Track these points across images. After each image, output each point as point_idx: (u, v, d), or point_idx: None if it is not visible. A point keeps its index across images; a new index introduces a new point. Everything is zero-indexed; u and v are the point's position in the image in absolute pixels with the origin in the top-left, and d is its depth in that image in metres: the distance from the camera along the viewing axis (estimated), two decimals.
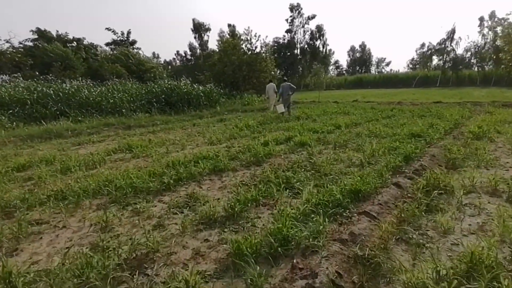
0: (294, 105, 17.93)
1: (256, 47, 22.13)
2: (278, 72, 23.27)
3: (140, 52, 38.00)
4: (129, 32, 40.78)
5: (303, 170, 4.89)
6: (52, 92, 12.21)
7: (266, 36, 24.01)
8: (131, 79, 22.23)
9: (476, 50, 42.10)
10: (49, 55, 28.15)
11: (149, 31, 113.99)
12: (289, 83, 12.82)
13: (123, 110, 12.31)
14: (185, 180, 4.56)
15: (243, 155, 6.02)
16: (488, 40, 43.18)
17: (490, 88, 31.62)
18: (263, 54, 22.36)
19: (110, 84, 16.15)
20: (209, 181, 4.67)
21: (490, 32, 44.14)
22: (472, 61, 48.58)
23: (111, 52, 36.25)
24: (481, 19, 43.96)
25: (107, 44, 39.25)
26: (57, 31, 41.58)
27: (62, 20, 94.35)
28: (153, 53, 79.69)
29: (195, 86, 15.82)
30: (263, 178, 4.48)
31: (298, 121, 11.04)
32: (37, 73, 24.38)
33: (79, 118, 11.12)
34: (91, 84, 16.51)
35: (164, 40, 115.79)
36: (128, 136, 9.24)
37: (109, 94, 13.42)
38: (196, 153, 6.24)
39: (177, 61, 77.74)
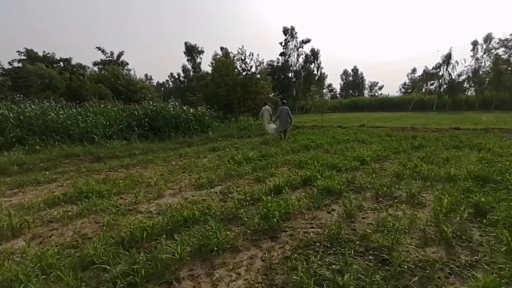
0: (295, 129, 16.18)
1: (251, 67, 20.64)
2: (272, 95, 21.56)
3: (131, 72, 36.51)
4: (121, 53, 39.54)
5: (349, 251, 2.88)
6: (11, 115, 10.13)
7: (258, 56, 22.24)
8: (115, 100, 20.32)
9: (473, 74, 41.74)
10: (31, 76, 26.26)
11: (143, 53, 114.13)
12: (287, 108, 12.36)
13: (95, 137, 10.20)
14: (143, 283, 2.49)
15: (247, 212, 4.02)
16: (483, 64, 43.20)
17: (493, 113, 30.69)
18: (259, 74, 20.82)
19: (87, 106, 14.15)
20: (190, 281, 2.60)
21: (485, 56, 44.28)
22: (465, 85, 48.52)
23: (97, 72, 34.65)
24: (475, 43, 44.10)
25: (95, 64, 37.71)
26: (44, 52, 40.16)
27: (59, 42, 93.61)
28: (146, 75, 78.97)
29: (185, 109, 13.89)
30: (287, 280, 2.46)
31: (307, 151, 9.14)
32: (19, 94, 22.45)
33: (38, 147, 8.98)
34: (65, 106, 14.52)
35: (157, 63, 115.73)
36: (92, 172, 7.14)
37: (81, 117, 11.36)
38: (176, 206, 4.21)
39: (170, 83, 76.94)
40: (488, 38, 43.00)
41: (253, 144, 11.07)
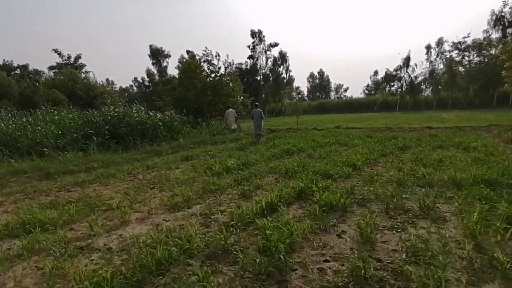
0: (271, 133, 15.51)
1: (219, 68, 19.71)
2: (242, 98, 20.84)
3: (90, 76, 33.79)
4: (78, 56, 36.62)
5: None
6: None
7: (228, 56, 21.05)
8: (71, 106, 18.38)
9: (430, 75, 44.17)
10: None
11: (105, 58, 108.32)
12: (260, 110, 12.69)
13: (45, 150, 8.71)
14: None
15: (239, 242, 3.18)
16: (436, 66, 46.00)
17: (451, 111, 32.45)
18: (228, 77, 19.96)
19: (38, 114, 12.41)
20: None
21: (437, 59, 47.19)
22: (423, 86, 51.40)
23: (53, 77, 31.72)
24: (428, 47, 46.87)
25: (50, 68, 34.52)
26: (4, 60, 36.48)
27: (18, 47, 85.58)
28: (107, 80, 74.77)
29: (151, 114, 12.59)
30: None
31: (290, 156, 8.44)
32: None
33: None
34: (16, 114, 12.67)
35: (121, 67, 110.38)
36: (39, 193, 5.85)
37: (30, 127, 9.77)
38: (146, 239, 3.25)
39: (135, 88, 73.39)
40: (440, 42, 45.93)
41: (229, 150, 10.17)
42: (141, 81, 69.13)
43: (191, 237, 3.26)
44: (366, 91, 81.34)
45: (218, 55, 20.05)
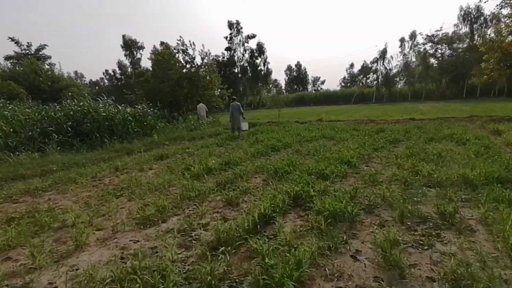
0: (252, 127, 14.77)
1: (194, 58, 18.57)
2: (219, 91, 19.91)
3: (55, 68, 31.09)
4: (42, 47, 33.50)
5: None
6: None
7: (204, 46, 19.73)
8: (30, 100, 16.62)
9: (404, 68, 45.05)
10: None
11: (74, 49, 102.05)
12: (238, 103, 12.37)
13: None
14: None
15: (230, 271, 2.45)
16: (409, 59, 47.07)
17: (425, 103, 33.23)
18: (205, 68, 18.87)
19: None
20: None
21: (411, 52, 48.32)
22: (397, 79, 52.60)
23: (10, 68, 28.90)
24: (402, 40, 47.77)
25: (6, 58, 31.39)
26: None
27: None
28: (76, 72, 70.47)
29: (120, 108, 11.37)
30: None
31: (276, 153, 7.77)
32: None
33: None
34: None
35: (90, 59, 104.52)
36: None
37: None
38: (106, 274, 2.46)
39: (106, 81, 69.74)
40: (413, 35, 46.93)
41: (209, 147, 9.33)
42: (112, 73, 65.85)
43: (166, 268, 2.49)
44: (343, 84, 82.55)
45: (193, 44, 18.90)
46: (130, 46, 59.15)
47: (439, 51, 41.72)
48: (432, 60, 42.11)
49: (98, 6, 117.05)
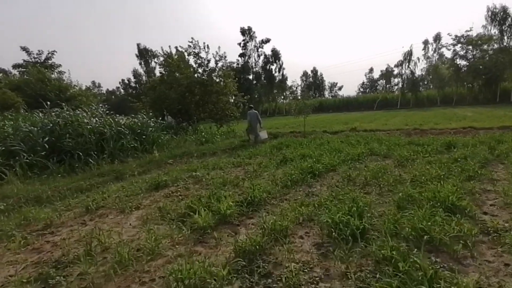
0: (273, 139, 12.46)
1: (208, 61, 16.46)
2: (233, 98, 17.71)
3: (65, 76, 29.99)
4: (51, 54, 32.58)
5: None
6: None
7: (219, 49, 17.64)
8: (26, 111, 14.99)
9: (433, 70, 41.78)
10: None
11: (93, 59, 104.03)
12: (256, 111, 12.04)
13: None
14: None
15: None
16: (435, 62, 43.76)
17: (461, 107, 29.99)
18: (220, 71, 16.72)
19: None
20: None
21: (435, 54, 45.04)
22: (424, 82, 49.30)
23: (18, 76, 28.00)
24: (425, 42, 44.65)
25: (15, 67, 30.55)
26: None
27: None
28: (93, 82, 70.91)
29: (112, 119, 9.21)
30: None
31: (317, 180, 5.40)
32: None
33: None
34: None
35: (108, 69, 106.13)
36: None
37: None
38: None
39: (122, 90, 69.54)
40: (437, 37, 43.76)
41: (223, 169, 7.05)
42: (127, 82, 65.61)
43: None
44: (361, 89, 79.25)
45: (208, 47, 16.81)
46: (144, 54, 58.61)
47: (470, 52, 38.39)
48: (463, 62, 38.77)
49: (113, 16, 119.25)
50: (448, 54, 40.69)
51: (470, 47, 37.39)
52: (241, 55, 50.97)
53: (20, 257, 3.29)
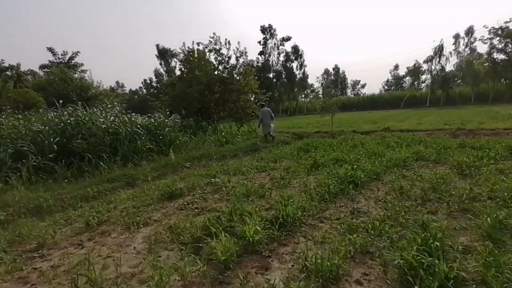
0: (297, 139, 11.51)
1: (229, 58, 15.67)
2: (253, 96, 16.82)
3: (87, 76, 30.40)
4: (75, 54, 33.15)
5: None
6: None
7: (239, 44, 16.75)
8: (46, 109, 14.83)
9: (466, 66, 38.96)
10: None
11: (118, 60, 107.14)
12: (269, 108, 12.18)
13: None
14: None
15: None
16: (468, 57, 40.84)
17: (500, 105, 27.53)
18: (241, 69, 15.89)
19: None
20: None
21: (467, 49, 42.02)
22: (455, 79, 46.25)
23: (43, 77, 28.61)
24: (456, 37, 41.79)
25: (41, 67, 31.32)
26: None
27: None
28: (117, 82, 72.55)
29: (126, 118, 8.60)
30: None
31: (360, 192, 4.42)
32: None
33: None
34: None
35: (132, 69, 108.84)
36: None
37: None
38: None
39: (144, 90, 70.66)
40: (470, 31, 40.80)
41: (245, 174, 6.21)
42: (149, 82, 66.60)
43: None
44: (386, 87, 76.00)
45: (229, 43, 16.03)
46: (164, 54, 58.99)
47: (510, 45, 35.39)
48: (501, 56, 35.83)
49: (134, 18, 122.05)
50: (481, 48, 38.09)
51: (510, 39, 34.49)
52: (261, 53, 50.06)
53: (6, 286, 2.63)
